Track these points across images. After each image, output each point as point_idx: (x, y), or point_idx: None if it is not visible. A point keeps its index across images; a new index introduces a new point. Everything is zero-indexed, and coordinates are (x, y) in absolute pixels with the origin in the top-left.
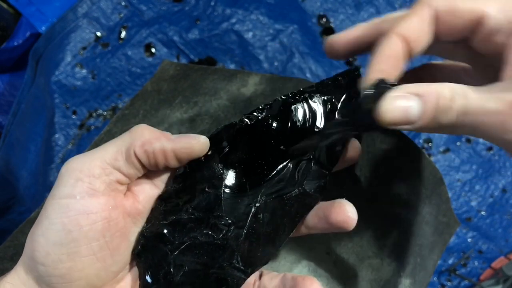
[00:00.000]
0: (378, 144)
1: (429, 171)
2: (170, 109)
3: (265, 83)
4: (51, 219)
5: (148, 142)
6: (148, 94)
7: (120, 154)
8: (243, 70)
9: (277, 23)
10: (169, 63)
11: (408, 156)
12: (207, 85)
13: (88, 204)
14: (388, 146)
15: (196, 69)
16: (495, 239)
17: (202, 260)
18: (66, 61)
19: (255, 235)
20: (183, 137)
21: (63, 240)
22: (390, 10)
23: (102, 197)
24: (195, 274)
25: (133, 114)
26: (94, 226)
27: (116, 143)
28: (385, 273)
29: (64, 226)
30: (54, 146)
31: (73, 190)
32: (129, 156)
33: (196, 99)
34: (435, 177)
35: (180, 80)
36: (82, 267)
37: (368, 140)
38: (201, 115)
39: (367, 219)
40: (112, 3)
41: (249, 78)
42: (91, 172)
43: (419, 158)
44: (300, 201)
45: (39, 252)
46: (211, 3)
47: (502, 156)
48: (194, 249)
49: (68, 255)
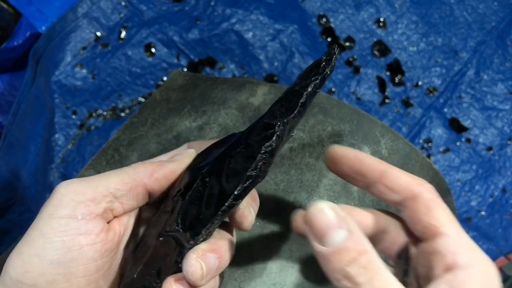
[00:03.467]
0: (385, 154)
1: (436, 182)
2: (179, 117)
3: (274, 93)
4: (48, 237)
5: (155, 169)
6: (157, 103)
7: (124, 185)
8: (252, 80)
9: (277, 23)
10: (177, 73)
11: (415, 167)
12: (216, 95)
13: (89, 225)
14: (395, 156)
15: (205, 79)
16: (495, 239)
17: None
18: (66, 61)
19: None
20: (178, 155)
21: (61, 259)
22: (390, 10)
23: (101, 220)
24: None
25: (141, 122)
26: (94, 247)
27: (119, 174)
28: None
29: (63, 244)
30: (54, 146)
31: (74, 211)
32: (134, 188)
33: (204, 108)
34: (442, 188)
35: (189, 90)
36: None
37: (376, 150)
38: (210, 124)
39: None
40: (112, 3)
41: (258, 88)
42: (94, 198)
43: (427, 168)
44: (243, 155)
45: (32, 273)
46: (211, 3)
47: (502, 156)
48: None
49: (65, 276)
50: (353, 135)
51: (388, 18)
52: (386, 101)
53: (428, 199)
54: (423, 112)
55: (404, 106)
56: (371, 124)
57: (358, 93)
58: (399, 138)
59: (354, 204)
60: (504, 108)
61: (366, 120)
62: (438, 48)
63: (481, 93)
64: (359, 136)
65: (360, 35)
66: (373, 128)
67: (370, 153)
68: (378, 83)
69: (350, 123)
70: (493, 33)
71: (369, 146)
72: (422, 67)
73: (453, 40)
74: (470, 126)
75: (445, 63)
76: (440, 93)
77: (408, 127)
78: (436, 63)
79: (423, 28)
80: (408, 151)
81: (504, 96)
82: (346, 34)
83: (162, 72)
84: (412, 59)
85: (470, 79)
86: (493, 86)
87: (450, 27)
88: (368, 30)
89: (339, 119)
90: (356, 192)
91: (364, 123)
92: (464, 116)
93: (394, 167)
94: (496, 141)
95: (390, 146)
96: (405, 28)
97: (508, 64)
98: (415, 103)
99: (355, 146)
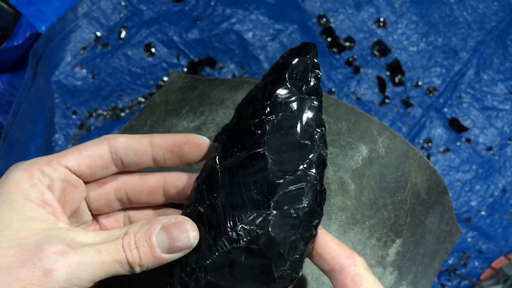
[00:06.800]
0: (382, 152)
1: (433, 181)
2: (177, 118)
3: None
4: None
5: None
6: (156, 106)
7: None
8: (249, 80)
9: (277, 23)
10: (177, 76)
11: (412, 166)
12: (214, 95)
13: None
14: (393, 155)
15: (203, 81)
16: (495, 239)
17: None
18: (66, 61)
19: None
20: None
21: None
22: (390, 10)
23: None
24: None
25: (140, 125)
26: None
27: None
28: (387, 281)
29: None
30: (54, 146)
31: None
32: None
33: (202, 108)
34: (439, 187)
35: (187, 91)
36: None
37: (373, 148)
38: (207, 124)
39: (370, 228)
40: (112, 3)
41: None
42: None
43: (424, 167)
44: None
45: None
46: (211, 3)
47: (502, 156)
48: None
49: None
50: (350, 134)
51: (388, 18)
52: (386, 101)
53: (356, 274)
54: (423, 112)
55: (404, 106)
56: (368, 122)
57: (358, 93)
58: (397, 136)
59: (351, 202)
60: (504, 108)
61: (363, 119)
62: (438, 48)
63: (481, 93)
64: (356, 134)
65: (360, 35)
66: (371, 127)
67: (368, 152)
68: (378, 83)
69: (348, 122)
70: (493, 33)
71: (366, 145)
72: (422, 67)
73: (453, 40)
74: (470, 126)
75: (445, 63)
76: (440, 93)
77: (408, 127)
78: (436, 63)
79: (423, 28)
80: (406, 150)
81: (504, 96)
82: (346, 34)
83: (162, 72)
84: (412, 59)
85: (470, 79)
86: (493, 86)
87: (450, 27)
88: (368, 30)
89: (337, 117)
90: (353, 191)
91: (362, 121)
92: (464, 116)
93: (329, 235)
94: (496, 141)
95: (387, 145)
96: (405, 28)
97: (508, 64)
98: (415, 103)
99: (353, 145)
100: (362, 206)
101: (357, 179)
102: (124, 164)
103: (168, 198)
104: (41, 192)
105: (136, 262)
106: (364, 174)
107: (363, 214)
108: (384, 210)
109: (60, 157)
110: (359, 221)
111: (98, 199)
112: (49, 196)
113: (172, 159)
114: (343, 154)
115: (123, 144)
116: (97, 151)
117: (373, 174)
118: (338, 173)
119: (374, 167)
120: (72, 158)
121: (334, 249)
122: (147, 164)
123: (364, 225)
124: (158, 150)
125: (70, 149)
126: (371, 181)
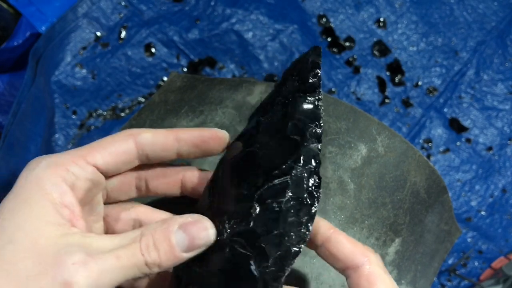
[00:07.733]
0: (382, 152)
1: (433, 180)
2: (176, 118)
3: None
4: None
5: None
6: (156, 105)
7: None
8: (249, 80)
9: (277, 23)
10: (176, 75)
11: (412, 165)
12: (213, 95)
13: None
14: (392, 154)
15: (202, 80)
16: (495, 239)
17: None
18: (66, 61)
19: None
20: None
21: None
22: (390, 10)
23: None
24: None
25: (139, 125)
26: None
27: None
28: None
29: None
30: (54, 146)
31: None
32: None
33: (202, 108)
34: (438, 186)
35: (187, 91)
36: None
37: (372, 148)
38: (207, 123)
39: (369, 227)
40: (112, 3)
41: (255, 87)
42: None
43: (423, 166)
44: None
45: None
46: (211, 3)
47: (502, 156)
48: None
49: None
50: (349, 133)
51: (388, 18)
52: (386, 101)
53: (370, 273)
54: (423, 112)
55: (404, 106)
56: (367, 122)
57: (358, 93)
58: (396, 136)
59: (350, 201)
60: (504, 108)
61: (362, 118)
62: (438, 48)
63: (481, 93)
64: (356, 134)
65: (360, 35)
66: (370, 126)
67: (367, 151)
68: (378, 83)
69: (347, 121)
70: (493, 33)
71: (366, 144)
72: (422, 67)
73: (453, 40)
74: (470, 126)
75: (445, 63)
76: (440, 93)
77: (408, 127)
78: (436, 63)
79: (423, 28)
80: (405, 149)
81: (504, 96)
82: (346, 34)
83: (162, 72)
84: (412, 59)
85: (470, 79)
86: (493, 86)
87: (450, 27)
88: (368, 30)
89: (336, 117)
90: (352, 190)
91: (361, 121)
92: (464, 116)
93: (342, 234)
94: (496, 141)
95: (386, 144)
96: (405, 28)
97: (508, 64)
98: (415, 103)
99: (352, 144)
100: (361, 205)
101: (356, 178)
102: (150, 158)
103: (183, 191)
104: (63, 193)
105: (156, 263)
106: (363, 173)
107: (362, 213)
108: (383, 209)
109: (87, 154)
110: (358, 220)
111: (120, 188)
112: (69, 198)
113: (196, 153)
114: (342, 153)
115: (150, 140)
116: (124, 147)
117: (372, 173)
118: (337, 172)
119: (373, 166)
120: (100, 155)
121: (347, 247)
122: (171, 157)
123: (363, 224)
124: (184, 145)
125: (94, 144)
126: (370, 180)
